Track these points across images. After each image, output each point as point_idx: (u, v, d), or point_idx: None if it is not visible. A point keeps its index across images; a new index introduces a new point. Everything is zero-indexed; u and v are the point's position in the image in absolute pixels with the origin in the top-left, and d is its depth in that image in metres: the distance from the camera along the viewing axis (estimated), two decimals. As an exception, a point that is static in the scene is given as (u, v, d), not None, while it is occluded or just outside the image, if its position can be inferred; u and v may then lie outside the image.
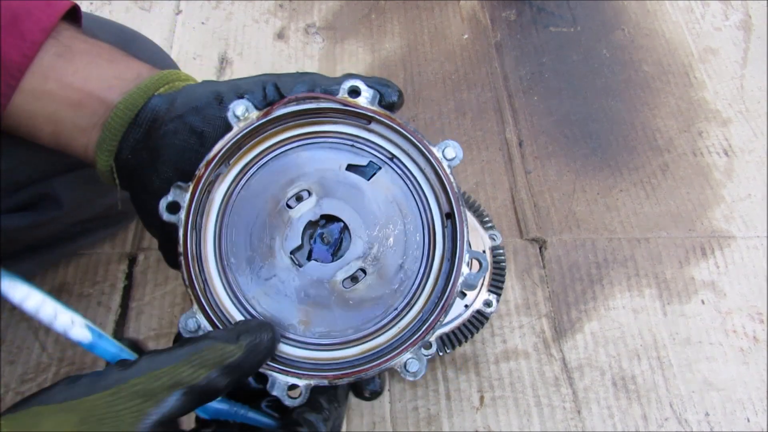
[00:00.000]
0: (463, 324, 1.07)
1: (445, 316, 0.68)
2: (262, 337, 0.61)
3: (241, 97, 0.73)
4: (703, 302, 1.24)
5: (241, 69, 1.56)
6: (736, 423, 1.12)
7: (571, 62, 1.61)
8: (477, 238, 1.15)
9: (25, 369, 1.12)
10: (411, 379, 0.67)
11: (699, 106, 1.54)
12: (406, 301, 0.70)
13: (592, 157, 1.44)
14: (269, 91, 0.73)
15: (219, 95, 0.73)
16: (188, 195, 0.68)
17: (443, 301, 0.68)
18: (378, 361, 0.67)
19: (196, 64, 1.56)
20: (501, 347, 1.18)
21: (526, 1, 1.73)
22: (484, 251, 1.14)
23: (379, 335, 0.69)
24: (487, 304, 1.08)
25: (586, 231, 1.33)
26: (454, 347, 1.06)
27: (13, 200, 0.96)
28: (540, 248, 1.30)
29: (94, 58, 0.78)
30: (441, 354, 1.08)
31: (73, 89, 0.76)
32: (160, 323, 1.18)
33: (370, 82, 0.72)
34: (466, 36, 1.65)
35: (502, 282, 1.12)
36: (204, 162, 0.68)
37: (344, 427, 1.09)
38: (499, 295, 1.10)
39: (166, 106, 0.75)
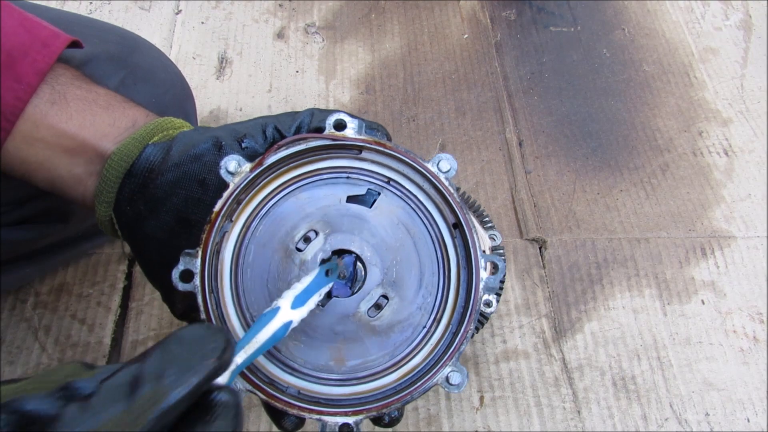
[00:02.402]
0: (463, 324, 1.06)
1: (475, 324, 0.68)
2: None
3: (240, 141, 0.72)
4: (703, 302, 1.24)
5: (240, 69, 1.56)
6: (736, 423, 1.11)
7: (571, 62, 1.61)
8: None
9: (25, 369, 1.11)
10: (456, 391, 0.67)
11: (699, 106, 1.54)
12: (432, 317, 0.70)
13: (592, 157, 1.44)
14: (269, 133, 0.73)
15: (218, 141, 0.73)
16: (199, 261, 0.67)
17: (470, 309, 0.69)
18: (420, 382, 0.67)
19: (196, 64, 1.56)
20: (501, 347, 1.18)
21: (526, 1, 1.72)
22: (484, 251, 1.14)
23: (413, 356, 0.69)
24: (487, 304, 1.08)
25: (586, 231, 1.33)
26: (454, 347, 1.06)
27: (17, 213, 0.95)
28: (540, 248, 1.30)
29: (89, 105, 0.76)
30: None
31: (66, 137, 0.75)
32: (159, 323, 1.18)
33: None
34: (466, 36, 1.65)
35: (502, 282, 1.12)
36: (207, 225, 0.68)
37: (344, 428, 1.09)
38: (499, 295, 1.10)
39: (161, 155, 0.74)
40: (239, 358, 0.57)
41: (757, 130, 1.49)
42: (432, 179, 0.70)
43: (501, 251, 1.15)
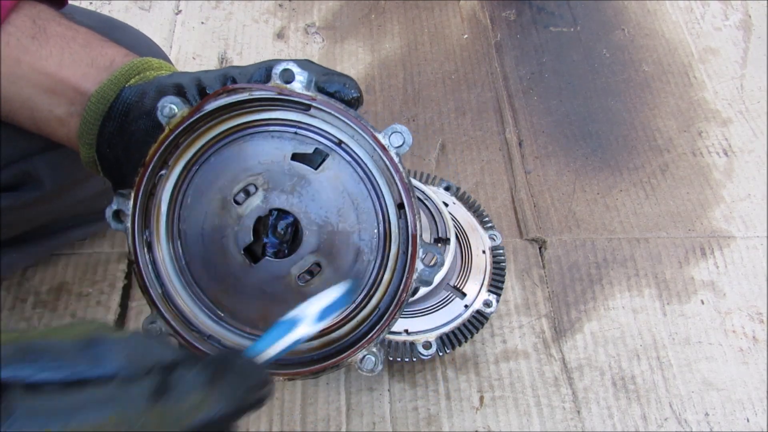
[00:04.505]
0: (463, 324, 1.07)
1: (401, 312, 0.66)
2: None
3: (201, 90, 0.70)
4: (702, 302, 1.24)
5: (240, 69, 1.56)
6: (735, 423, 1.11)
7: (571, 62, 1.61)
8: (477, 238, 1.15)
9: (25, 369, 1.11)
10: (368, 375, 0.65)
11: (699, 106, 1.54)
12: (363, 293, 0.68)
13: (592, 157, 1.44)
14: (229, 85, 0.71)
15: (181, 89, 0.71)
16: (131, 202, 0.66)
17: (398, 298, 0.65)
18: (335, 359, 0.66)
19: (196, 64, 1.56)
20: (501, 347, 1.18)
21: (526, 1, 1.72)
22: (484, 251, 1.14)
23: (338, 328, 0.68)
24: (487, 304, 1.08)
25: (586, 231, 1.33)
26: (453, 347, 1.06)
27: None
28: (540, 248, 1.30)
29: (68, 42, 0.77)
30: (441, 354, 1.08)
31: (46, 75, 0.75)
32: (159, 323, 1.18)
33: (327, 76, 0.67)
34: (466, 36, 1.65)
35: (502, 282, 1.12)
36: (141, 167, 0.66)
37: (344, 427, 1.09)
38: (498, 295, 1.10)
39: (136, 99, 0.74)
40: None
41: (757, 130, 1.49)
42: (380, 152, 0.64)
43: (501, 251, 1.16)
